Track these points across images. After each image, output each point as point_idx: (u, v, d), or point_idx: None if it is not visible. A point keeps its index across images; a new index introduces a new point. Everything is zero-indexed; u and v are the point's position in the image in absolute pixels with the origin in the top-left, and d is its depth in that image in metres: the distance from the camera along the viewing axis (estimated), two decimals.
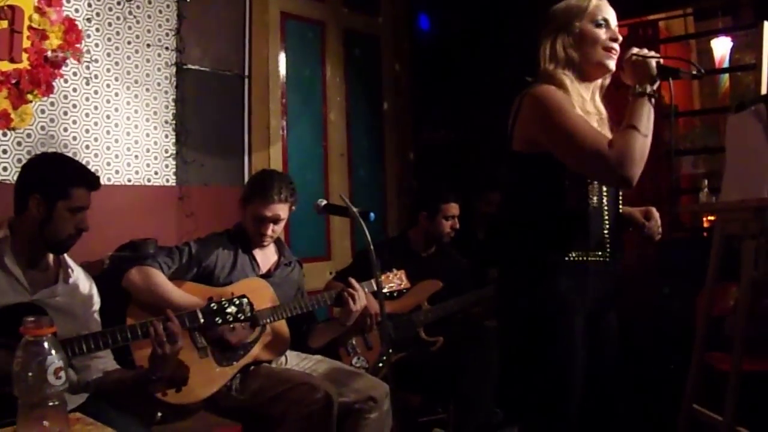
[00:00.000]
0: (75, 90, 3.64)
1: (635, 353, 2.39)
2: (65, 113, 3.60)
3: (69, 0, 3.60)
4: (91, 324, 2.57)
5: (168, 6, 4.08)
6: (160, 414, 2.84)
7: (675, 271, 4.27)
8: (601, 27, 2.19)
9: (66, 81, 3.59)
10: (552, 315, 2.15)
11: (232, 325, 2.83)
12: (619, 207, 2.29)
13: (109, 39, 3.80)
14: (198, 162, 4.18)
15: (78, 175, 2.47)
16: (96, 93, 3.73)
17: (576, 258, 2.16)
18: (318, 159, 5.06)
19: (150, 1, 4.00)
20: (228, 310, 2.66)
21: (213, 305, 2.66)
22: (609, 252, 2.21)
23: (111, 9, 3.80)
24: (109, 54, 3.80)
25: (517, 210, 2.27)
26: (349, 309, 3.13)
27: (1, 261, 2.36)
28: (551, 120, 2.08)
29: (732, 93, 5.84)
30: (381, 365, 3.48)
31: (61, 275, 2.52)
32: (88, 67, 3.69)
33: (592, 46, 2.19)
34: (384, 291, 3.22)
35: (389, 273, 3.33)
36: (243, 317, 2.69)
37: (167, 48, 4.08)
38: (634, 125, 2.02)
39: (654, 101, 2.07)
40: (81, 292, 2.57)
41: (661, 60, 2.10)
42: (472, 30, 5.50)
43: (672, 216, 4.89)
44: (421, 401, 3.83)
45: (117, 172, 3.83)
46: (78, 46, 3.55)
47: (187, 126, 4.13)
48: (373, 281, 3.16)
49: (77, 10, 3.64)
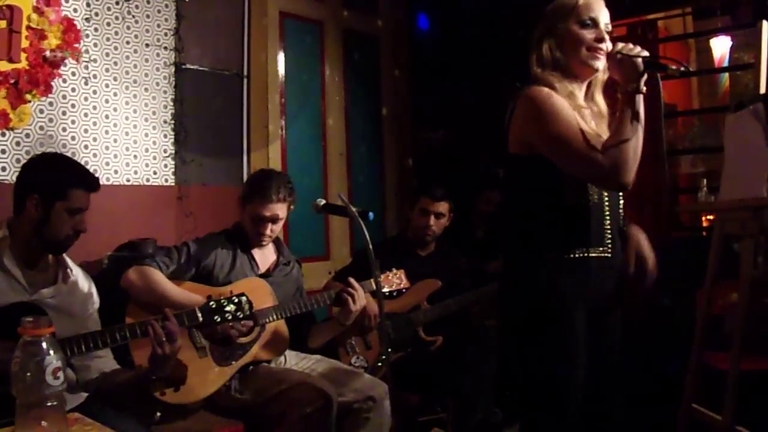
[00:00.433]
0: (74, 90, 3.64)
1: (634, 352, 2.39)
2: (64, 113, 3.60)
3: (67, 0, 3.59)
4: (90, 324, 2.57)
5: (167, 6, 4.08)
6: (159, 414, 2.83)
7: (674, 271, 4.27)
8: (588, 27, 2.17)
9: (65, 81, 3.59)
10: (554, 312, 2.15)
11: (231, 324, 2.83)
12: (620, 201, 2.29)
13: (108, 39, 3.80)
14: (197, 162, 4.18)
15: (77, 177, 2.47)
16: (95, 93, 3.73)
17: (578, 255, 2.16)
18: (317, 159, 5.06)
19: (148, 1, 4.00)
20: (227, 308, 2.66)
21: (212, 303, 2.66)
22: (611, 247, 2.21)
23: (109, 9, 3.80)
24: (108, 54, 3.80)
25: (518, 210, 2.27)
26: (349, 309, 3.14)
27: (0, 261, 2.36)
28: (544, 124, 2.08)
29: (732, 92, 5.84)
30: (380, 365, 3.48)
31: (60, 275, 2.52)
32: (86, 67, 3.69)
33: (575, 47, 2.18)
34: (384, 291, 3.23)
35: (389, 273, 3.33)
36: (242, 315, 2.69)
37: (166, 48, 4.08)
38: (625, 128, 2.01)
39: (643, 96, 2.05)
40: (80, 291, 2.58)
41: (647, 54, 2.07)
42: (471, 30, 5.50)
43: (672, 215, 4.89)
44: (420, 401, 3.82)
45: (116, 171, 3.83)
46: (76, 46, 3.54)
47: (186, 126, 4.13)
48: (373, 281, 3.16)
49: (76, 9, 3.63)
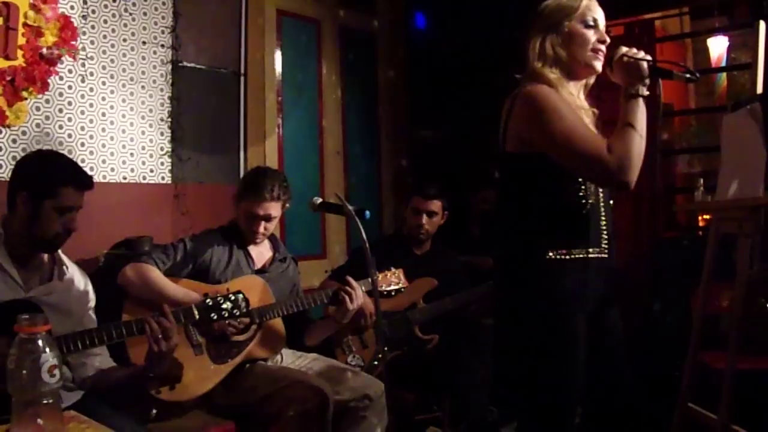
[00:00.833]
0: (70, 87, 3.63)
1: (629, 352, 2.40)
2: (60, 110, 3.59)
3: None
4: (87, 321, 2.56)
5: (164, 3, 4.07)
6: (154, 411, 2.83)
7: (670, 270, 4.28)
8: (591, 28, 2.19)
9: (61, 78, 3.58)
10: (556, 313, 2.15)
11: (228, 322, 2.83)
12: (611, 202, 2.29)
13: (105, 36, 3.79)
14: (193, 160, 4.18)
15: (67, 174, 2.44)
16: (91, 90, 3.72)
17: (578, 256, 2.16)
18: (313, 157, 5.05)
19: None
20: (223, 305, 2.67)
21: (208, 301, 2.66)
22: (607, 248, 2.22)
23: (106, 6, 3.79)
24: (105, 51, 3.79)
25: (516, 209, 2.25)
26: (346, 307, 3.13)
27: None
28: (547, 122, 2.07)
29: (729, 92, 5.85)
30: (376, 363, 3.48)
31: (56, 272, 2.51)
32: (83, 65, 3.68)
33: (580, 46, 2.19)
34: (383, 290, 3.23)
35: (387, 272, 3.32)
36: (238, 313, 2.69)
37: (163, 45, 4.07)
38: (630, 128, 2.02)
39: (645, 101, 2.08)
40: (76, 289, 2.57)
41: (650, 59, 2.10)
42: (467, 28, 5.50)
43: (668, 214, 4.90)
44: (417, 399, 3.83)
45: (112, 169, 3.82)
46: (73, 43, 3.53)
47: (183, 124, 4.12)
48: (370, 279, 3.16)
49: (72, 7, 3.62)
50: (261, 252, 3.29)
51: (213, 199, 4.16)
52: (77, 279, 2.60)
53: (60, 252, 2.54)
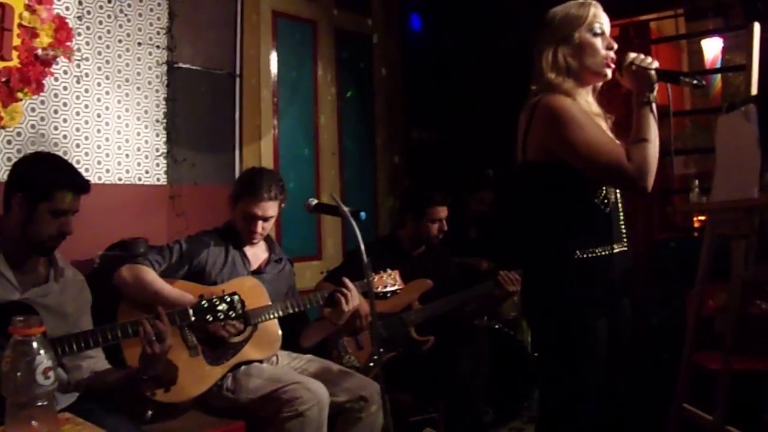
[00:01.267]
0: (65, 88, 3.62)
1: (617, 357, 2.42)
2: (55, 111, 3.58)
3: None
4: (82, 323, 2.55)
5: (159, 4, 4.07)
6: (150, 413, 2.83)
7: (665, 271, 4.28)
8: (598, 36, 2.26)
9: (56, 79, 3.58)
10: (584, 312, 2.24)
11: (223, 323, 2.82)
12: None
13: (100, 37, 3.79)
14: (189, 161, 4.17)
15: (63, 178, 2.43)
16: (86, 91, 3.72)
17: (603, 252, 2.26)
18: (309, 158, 5.06)
19: (141, 0, 3.99)
20: (219, 307, 2.66)
21: (204, 302, 2.66)
22: (626, 241, 2.34)
23: (102, 7, 3.79)
24: (100, 52, 3.79)
25: (541, 214, 2.33)
26: (341, 309, 3.13)
27: None
28: (568, 134, 2.16)
29: (723, 93, 5.85)
30: (372, 365, 3.48)
31: (52, 274, 2.50)
32: (78, 66, 3.68)
33: (591, 55, 2.26)
34: (378, 291, 3.22)
35: (383, 273, 3.31)
36: (234, 314, 2.69)
37: (158, 46, 4.07)
38: (645, 136, 2.15)
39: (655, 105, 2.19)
40: (72, 291, 2.56)
41: (658, 65, 2.19)
42: (462, 30, 5.51)
43: (663, 216, 4.91)
44: (412, 400, 3.82)
45: (107, 170, 3.82)
46: (68, 44, 3.52)
47: (178, 125, 4.12)
48: (366, 281, 3.16)
49: (68, 8, 3.62)
50: (257, 253, 3.28)
51: (208, 201, 4.16)
52: (73, 281, 2.59)
53: (56, 254, 2.53)
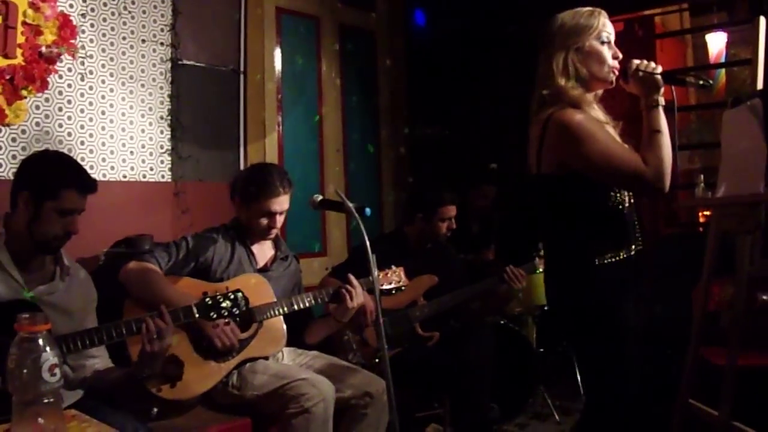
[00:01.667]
0: (70, 86, 3.63)
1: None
2: (60, 109, 3.59)
3: None
4: (88, 321, 2.56)
5: (163, 1, 4.07)
6: (156, 410, 2.83)
7: (671, 266, 4.27)
8: (605, 44, 2.33)
9: (61, 77, 3.58)
10: (612, 313, 2.30)
11: (219, 323, 2.82)
12: None
13: (104, 35, 3.79)
14: (193, 158, 4.18)
15: (70, 177, 2.43)
16: (91, 89, 3.72)
17: (626, 255, 2.33)
18: (313, 154, 5.06)
19: None
20: (223, 304, 2.66)
21: (208, 300, 2.66)
22: (641, 240, 2.40)
23: (106, 4, 3.79)
24: (104, 50, 3.79)
25: (562, 225, 2.38)
26: (346, 306, 3.13)
27: None
28: (584, 148, 2.22)
29: (728, 88, 5.84)
30: (377, 361, 3.48)
31: (58, 272, 2.50)
32: (82, 63, 3.68)
33: (599, 63, 2.33)
34: (383, 288, 3.22)
35: (388, 270, 3.31)
36: (238, 311, 2.69)
37: (162, 43, 4.07)
38: (658, 139, 2.22)
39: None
40: (78, 289, 2.57)
41: (661, 69, 2.27)
42: (466, 25, 5.50)
43: (668, 211, 4.90)
44: (418, 396, 3.83)
45: (112, 168, 3.82)
46: (72, 41, 3.53)
47: (183, 122, 4.12)
48: (371, 277, 3.16)
49: (72, 5, 3.62)
50: (263, 251, 3.28)
51: (213, 197, 4.16)
52: (79, 279, 2.60)
53: (62, 252, 2.53)
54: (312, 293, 3.19)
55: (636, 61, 2.27)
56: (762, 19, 2.73)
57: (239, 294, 2.69)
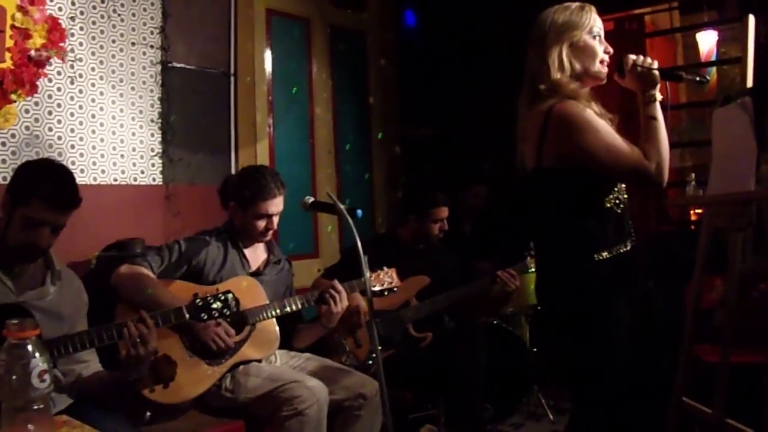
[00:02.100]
0: (59, 89, 3.61)
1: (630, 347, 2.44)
2: (50, 113, 3.57)
3: None
4: (79, 326, 2.54)
5: (152, 3, 4.06)
6: (149, 414, 2.82)
7: (663, 264, 4.28)
8: (596, 39, 2.34)
9: (50, 80, 3.57)
10: (607, 309, 2.31)
11: (210, 324, 2.81)
12: None
13: (94, 37, 3.78)
14: (184, 160, 4.16)
15: (44, 187, 2.33)
16: (81, 92, 3.71)
17: (620, 251, 2.32)
18: (305, 156, 5.05)
19: None
20: (213, 305, 2.65)
21: (198, 301, 2.65)
22: (634, 236, 2.40)
23: (95, 7, 3.77)
24: (94, 52, 3.78)
25: (560, 219, 2.37)
26: (330, 310, 3.12)
27: None
28: (587, 140, 2.22)
29: (719, 86, 5.85)
30: (370, 362, 3.47)
31: (49, 277, 2.49)
32: (72, 66, 3.67)
33: (591, 57, 2.34)
34: (375, 289, 3.22)
35: (380, 271, 3.30)
36: (228, 312, 2.68)
37: (152, 46, 4.06)
38: (657, 133, 2.23)
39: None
40: (68, 293, 2.55)
41: (656, 66, 2.27)
42: (457, 25, 5.50)
43: (660, 209, 4.90)
44: (412, 397, 3.82)
45: (103, 171, 3.81)
46: (62, 44, 3.52)
47: (173, 124, 4.11)
48: (363, 279, 3.16)
49: (60, 8, 3.61)
50: (256, 254, 3.27)
51: (205, 200, 4.14)
52: (70, 283, 2.58)
53: (53, 256, 2.52)
54: (304, 295, 3.18)
55: (632, 57, 2.28)
56: (751, 18, 2.73)
57: (229, 295, 2.68)
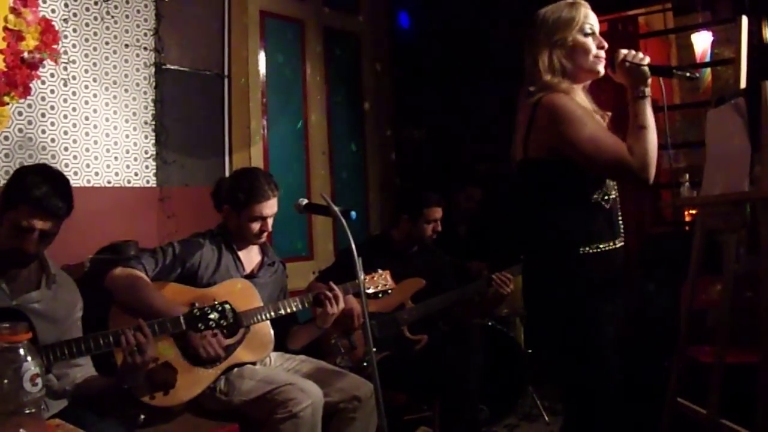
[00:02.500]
0: (53, 92, 3.61)
1: (618, 347, 2.43)
2: (43, 115, 3.56)
3: (45, 0, 3.56)
4: (74, 330, 2.53)
5: (146, 6, 4.05)
6: (143, 417, 2.82)
7: (657, 265, 4.29)
8: (589, 36, 2.32)
9: (43, 82, 3.56)
10: (593, 304, 2.29)
11: (206, 334, 2.81)
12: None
13: (87, 40, 3.77)
14: (178, 163, 4.16)
15: (33, 193, 2.31)
16: (74, 94, 3.70)
17: (606, 248, 2.31)
18: (299, 158, 5.05)
19: (128, 1, 3.97)
20: (210, 316, 2.65)
21: (195, 311, 2.65)
22: (624, 236, 2.39)
23: (88, 9, 3.77)
24: (87, 55, 3.77)
25: (544, 210, 2.36)
26: (326, 312, 3.13)
27: None
28: (571, 131, 2.20)
29: (713, 87, 5.86)
30: (365, 364, 3.47)
31: (44, 280, 2.48)
32: (65, 69, 3.66)
33: (583, 55, 2.31)
34: (369, 292, 3.22)
35: (374, 273, 3.30)
36: (225, 323, 2.68)
37: (146, 48, 4.05)
38: (644, 128, 2.19)
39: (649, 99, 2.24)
40: (63, 297, 2.54)
41: (649, 60, 2.24)
42: (451, 27, 5.51)
43: (655, 210, 4.92)
44: (407, 399, 3.82)
45: (96, 173, 3.80)
46: (55, 47, 3.51)
47: (167, 127, 4.11)
48: (357, 281, 3.16)
49: (54, 10, 3.60)
50: (250, 257, 3.27)
51: (198, 202, 4.12)
52: (65, 287, 2.57)
53: (48, 259, 2.51)
54: (298, 298, 3.18)
55: (623, 51, 2.26)
56: (744, 19, 2.74)
57: (227, 306, 2.68)
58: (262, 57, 4.79)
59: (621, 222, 2.38)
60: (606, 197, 2.30)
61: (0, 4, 3.30)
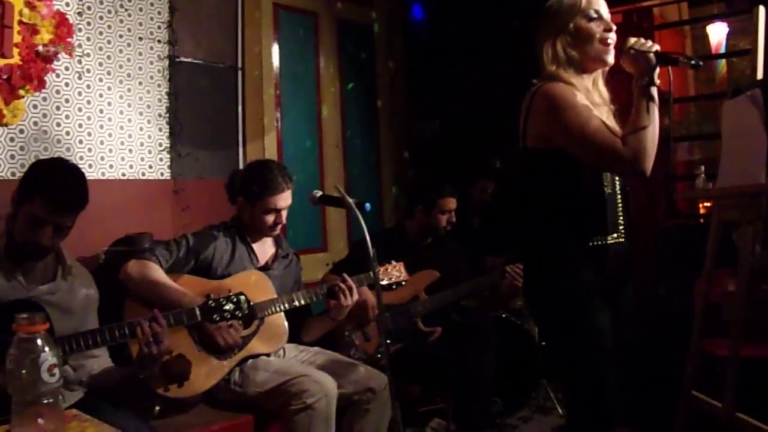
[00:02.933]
0: (67, 85, 3.62)
1: (632, 340, 2.42)
2: (58, 108, 3.58)
3: None
4: (89, 321, 2.55)
5: None
6: (158, 408, 2.83)
7: (671, 258, 4.27)
8: (594, 20, 2.26)
9: (58, 76, 3.57)
10: (579, 298, 2.25)
11: (221, 325, 2.82)
12: (627, 188, 2.38)
13: (101, 33, 3.78)
14: (192, 155, 4.17)
15: (49, 186, 2.33)
16: (88, 87, 3.71)
17: (596, 243, 2.26)
18: (313, 151, 5.05)
19: None
20: (225, 307, 2.66)
21: (211, 302, 2.66)
22: (624, 232, 2.32)
23: (102, 2, 3.78)
24: (101, 48, 3.78)
25: (537, 201, 2.34)
26: (340, 304, 3.13)
27: None
28: (564, 120, 2.17)
29: (729, 78, 5.83)
30: (379, 356, 3.47)
31: (60, 272, 2.49)
32: (80, 62, 3.67)
33: (589, 42, 2.26)
34: (383, 283, 3.22)
35: (388, 265, 3.31)
36: (240, 314, 2.69)
37: (159, 41, 4.06)
38: (642, 120, 2.12)
39: (655, 89, 2.16)
40: (79, 288, 2.55)
41: (658, 48, 2.16)
42: (465, 19, 5.48)
43: (669, 202, 4.89)
44: (420, 391, 3.82)
45: (111, 166, 3.81)
46: (69, 40, 3.52)
47: (181, 119, 4.11)
48: (371, 273, 3.16)
49: (68, 4, 3.61)
50: (264, 249, 3.27)
51: (213, 194, 4.14)
52: (81, 278, 2.58)
53: (64, 251, 2.52)
54: (312, 290, 3.18)
55: (632, 39, 2.19)
56: (761, 9, 2.71)
57: (242, 297, 2.69)
58: (275, 49, 4.79)
59: (621, 217, 2.32)
60: (601, 191, 2.26)
61: None
